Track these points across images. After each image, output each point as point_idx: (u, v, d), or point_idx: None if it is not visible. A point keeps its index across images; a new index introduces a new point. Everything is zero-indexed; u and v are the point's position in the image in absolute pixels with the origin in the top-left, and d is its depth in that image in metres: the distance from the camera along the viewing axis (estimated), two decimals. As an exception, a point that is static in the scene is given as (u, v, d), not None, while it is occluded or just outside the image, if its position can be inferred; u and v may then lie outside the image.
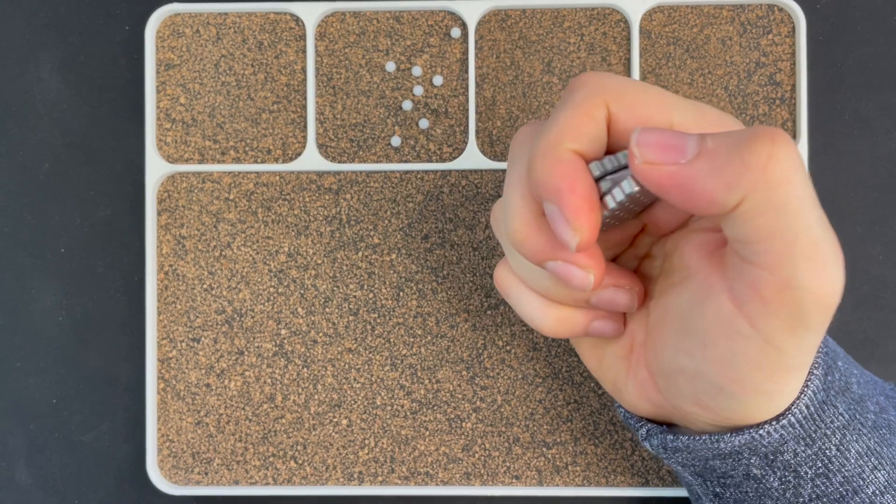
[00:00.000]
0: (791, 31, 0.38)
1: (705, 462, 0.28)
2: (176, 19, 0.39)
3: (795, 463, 0.27)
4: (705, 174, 0.22)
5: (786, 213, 0.22)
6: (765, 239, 0.23)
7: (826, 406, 0.26)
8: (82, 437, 0.39)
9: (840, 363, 0.28)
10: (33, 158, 0.40)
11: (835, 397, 0.27)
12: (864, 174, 0.38)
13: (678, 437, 0.28)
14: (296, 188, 0.39)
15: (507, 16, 0.39)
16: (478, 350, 0.38)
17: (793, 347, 0.24)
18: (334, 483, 0.38)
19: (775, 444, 0.26)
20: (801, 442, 0.26)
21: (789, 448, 0.27)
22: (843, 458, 0.27)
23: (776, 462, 0.27)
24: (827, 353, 0.27)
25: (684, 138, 0.23)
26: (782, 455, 0.27)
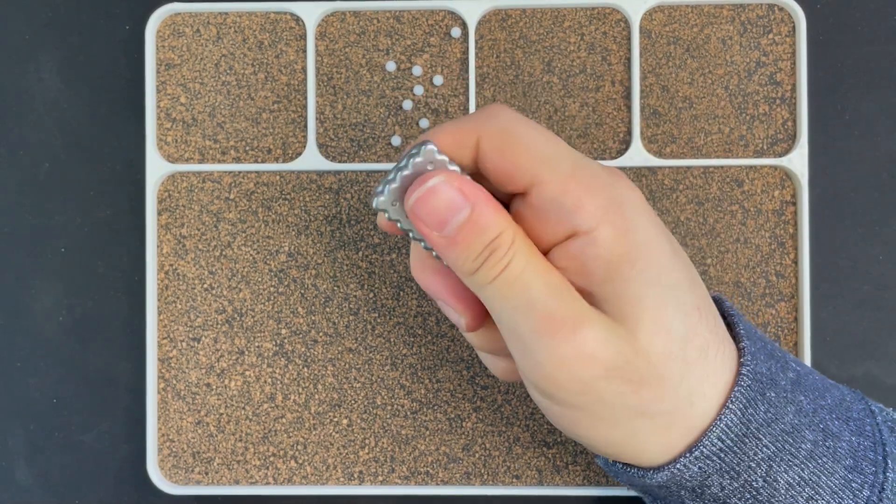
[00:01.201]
0: (791, 30, 0.38)
1: (645, 488, 0.29)
2: (176, 19, 0.39)
3: (724, 496, 0.27)
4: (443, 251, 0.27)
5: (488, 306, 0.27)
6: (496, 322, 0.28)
7: (747, 439, 0.27)
8: (82, 437, 0.39)
9: (772, 394, 0.27)
10: (33, 158, 0.40)
11: (757, 430, 0.27)
12: (864, 174, 0.38)
13: (615, 464, 0.29)
14: (296, 188, 0.39)
15: (508, 15, 0.39)
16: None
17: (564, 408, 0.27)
18: (334, 483, 0.38)
19: (698, 479, 0.27)
20: (724, 475, 0.27)
21: (714, 482, 0.27)
22: (771, 490, 0.27)
23: (705, 495, 0.28)
24: (751, 387, 0.27)
25: (451, 217, 0.26)
26: (709, 488, 0.27)
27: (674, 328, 0.26)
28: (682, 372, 0.26)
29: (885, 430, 0.29)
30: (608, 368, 0.26)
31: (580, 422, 0.27)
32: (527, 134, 0.26)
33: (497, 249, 0.26)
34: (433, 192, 0.26)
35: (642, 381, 0.26)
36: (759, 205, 0.38)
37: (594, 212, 0.26)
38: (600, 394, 0.26)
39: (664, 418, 0.27)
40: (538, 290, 0.26)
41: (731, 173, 0.38)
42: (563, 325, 0.25)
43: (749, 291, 0.38)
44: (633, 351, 0.26)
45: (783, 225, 0.38)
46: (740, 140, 0.38)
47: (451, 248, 0.26)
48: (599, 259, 0.26)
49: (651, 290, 0.26)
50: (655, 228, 0.27)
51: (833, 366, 0.38)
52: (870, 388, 0.38)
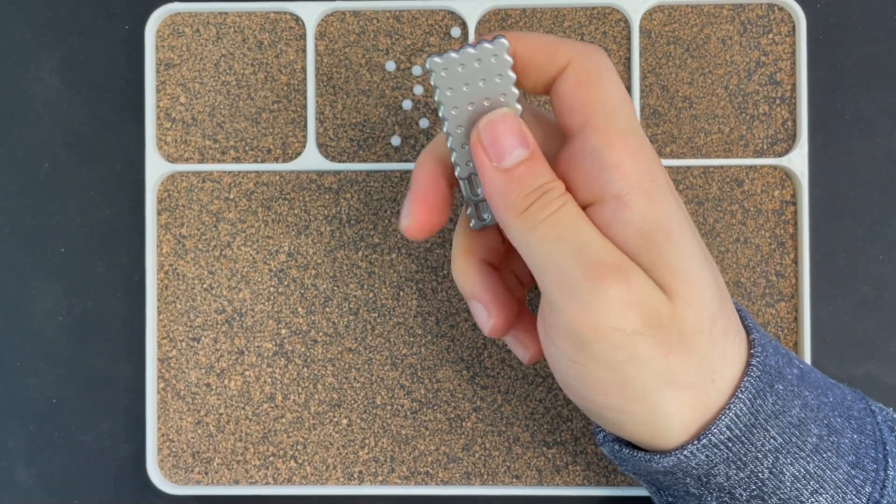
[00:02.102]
0: (791, 30, 0.38)
1: (651, 475, 0.29)
2: (176, 19, 0.39)
3: (729, 485, 0.27)
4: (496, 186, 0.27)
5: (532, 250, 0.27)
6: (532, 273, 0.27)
7: (755, 429, 0.27)
8: (82, 437, 0.39)
9: (780, 386, 0.27)
10: (33, 158, 0.40)
11: (765, 421, 0.27)
12: (864, 174, 0.38)
13: (622, 449, 0.29)
14: (296, 188, 0.39)
15: (508, 15, 0.39)
16: (478, 349, 0.38)
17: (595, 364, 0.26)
18: (334, 483, 0.38)
19: (704, 467, 0.27)
20: (731, 465, 0.27)
21: (720, 471, 0.27)
22: (776, 481, 0.27)
23: (710, 484, 0.27)
24: (760, 377, 0.27)
25: (513, 149, 0.26)
26: (715, 478, 0.27)
27: (704, 304, 0.26)
28: (708, 348, 0.26)
29: (885, 429, 0.29)
30: (647, 325, 0.26)
31: (609, 388, 0.27)
32: (609, 81, 0.27)
33: (550, 192, 0.26)
34: (502, 121, 0.27)
35: (672, 347, 0.26)
36: (759, 205, 0.38)
37: (629, 175, 0.26)
38: (636, 351, 0.26)
39: (689, 392, 0.26)
40: (590, 235, 0.26)
41: (730, 173, 0.38)
42: (615, 270, 0.25)
43: (749, 291, 0.38)
44: (669, 315, 0.26)
45: (783, 225, 0.38)
46: (740, 140, 0.38)
47: (507, 181, 0.26)
48: (633, 226, 0.26)
49: (685, 264, 0.26)
50: (682, 209, 0.27)
51: (833, 366, 0.38)
52: (870, 388, 0.38)
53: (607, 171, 0.26)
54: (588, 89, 0.27)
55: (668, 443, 0.27)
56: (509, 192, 0.26)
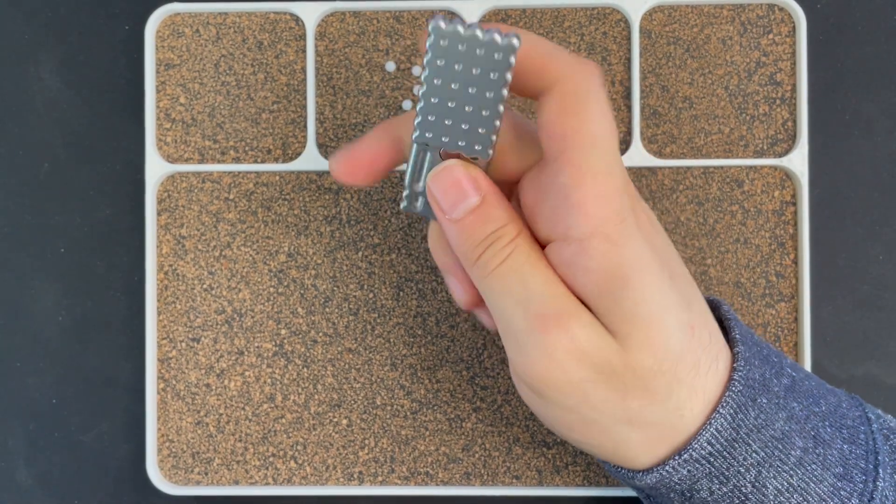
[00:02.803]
0: (791, 30, 0.38)
1: (637, 488, 0.30)
2: (176, 19, 0.39)
3: (713, 500, 0.27)
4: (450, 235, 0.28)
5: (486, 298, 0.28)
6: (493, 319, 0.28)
7: (736, 444, 0.27)
8: (82, 437, 0.39)
9: (763, 399, 0.27)
10: (33, 158, 0.40)
11: (747, 435, 0.27)
12: (864, 174, 0.38)
13: (608, 464, 0.30)
14: (296, 188, 0.38)
15: (508, 15, 0.39)
16: (478, 350, 0.38)
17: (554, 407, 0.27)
18: (334, 483, 0.38)
19: (687, 482, 0.27)
20: (714, 480, 0.27)
21: (703, 486, 0.27)
22: (760, 495, 0.27)
23: (694, 498, 0.28)
24: (742, 392, 0.27)
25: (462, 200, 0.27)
26: (698, 492, 0.27)
27: (664, 346, 0.26)
28: (671, 387, 0.26)
29: (879, 439, 0.29)
30: (597, 372, 0.26)
31: (572, 425, 0.27)
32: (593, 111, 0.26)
33: (499, 240, 0.27)
34: (449, 172, 0.27)
35: (627, 391, 0.26)
36: (759, 205, 0.38)
37: (593, 218, 0.25)
38: (588, 397, 0.26)
39: (653, 429, 0.27)
40: (535, 285, 0.26)
41: (731, 173, 0.38)
42: (556, 320, 0.26)
43: (749, 292, 0.38)
44: (621, 363, 0.26)
45: (783, 225, 0.38)
46: (740, 140, 0.38)
47: (458, 231, 0.27)
48: (591, 273, 0.26)
49: (642, 310, 0.26)
50: (649, 247, 0.26)
51: (833, 366, 0.38)
52: (870, 388, 0.38)
53: (572, 212, 0.26)
54: (569, 117, 0.26)
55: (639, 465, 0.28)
56: (462, 243, 0.27)
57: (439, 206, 0.28)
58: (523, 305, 0.26)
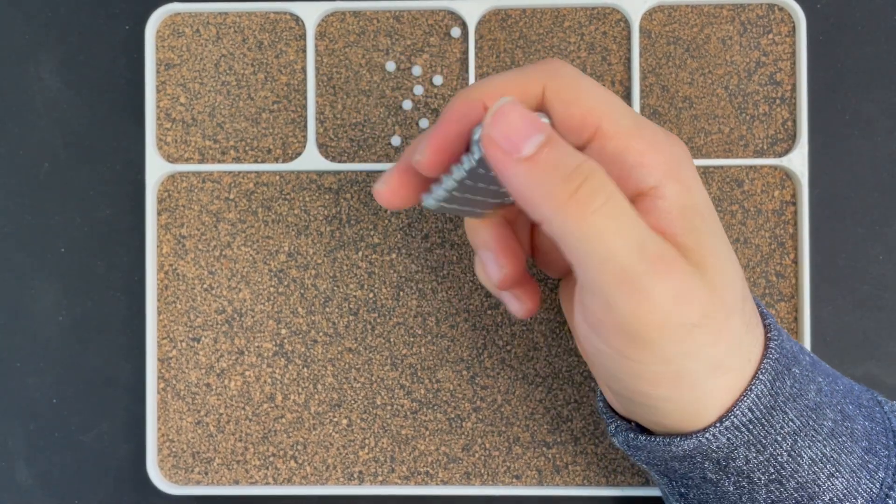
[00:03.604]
0: (791, 30, 0.38)
1: (666, 463, 0.29)
2: (176, 19, 0.39)
3: (748, 469, 0.27)
4: (525, 179, 0.24)
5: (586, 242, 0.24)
6: (576, 265, 0.25)
7: (774, 411, 0.27)
8: (82, 437, 0.39)
9: (796, 370, 0.27)
10: (33, 158, 0.40)
11: (784, 403, 0.27)
12: (864, 174, 0.38)
13: (638, 437, 0.29)
14: (296, 188, 0.39)
15: (508, 15, 0.39)
16: (478, 350, 0.38)
17: (651, 359, 0.25)
18: (334, 483, 0.38)
19: (725, 450, 0.27)
20: (751, 448, 0.27)
21: (740, 454, 0.27)
22: (795, 464, 0.27)
23: (729, 468, 0.27)
24: (779, 360, 0.27)
25: (530, 135, 0.24)
26: (734, 461, 0.27)
27: (736, 284, 0.27)
28: (743, 329, 0.26)
29: (893, 419, 0.29)
30: (703, 316, 0.25)
31: (661, 379, 0.26)
32: (591, 88, 0.26)
33: (594, 174, 0.24)
34: (509, 109, 0.24)
35: (721, 334, 0.26)
36: (759, 205, 0.38)
37: (658, 168, 0.26)
38: (692, 343, 0.25)
39: (731, 375, 0.26)
40: (646, 228, 0.25)
41: (730, 173, 0.38)
42: (675, 261, 0.25)
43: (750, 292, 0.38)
44: (719, 301, 0.25)
45: (783, 225, 0.38)
46: (740, 140, 0.38)
47: (534, 170, 0.24)
48: (671, 212, 0.26)
49: (719, 245, 0.26)
50: (705, 190, 0.27)
51: (833, 366, 0.38)
52: (870, 388, 0.38)
53: (636, 169, 0.26)
54: (578, 103, 0.26)
55: (696, 426, 0.27)
56: (542, 181, 0.24)
57: (502, 148, 0.24)
58: (639, 246, 0.24)
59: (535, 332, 0.38)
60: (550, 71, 0.26)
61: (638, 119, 0.27)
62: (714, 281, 0.25)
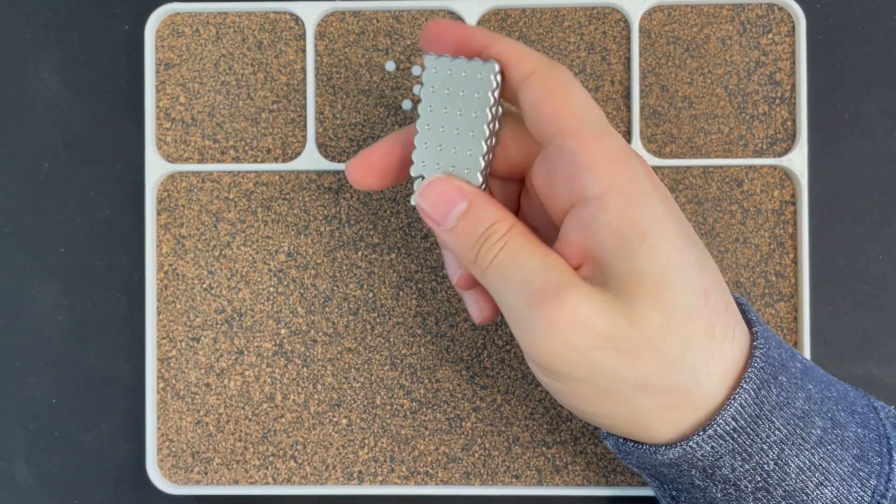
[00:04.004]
0: (791, 30, 0.38)
1: (655, 468, 0.29)
2: (176, 19, 0.39)
3: (735, 477, 0.27)
4: (450, 243, 0.29)
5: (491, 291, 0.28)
6: None
7: (760, 420, 0.27)
8: (82, 437, 0.39)
9: (783, 378, 0.27)
10: (33, 158, 0.40)
11: (770, 412, 0.27)
12: (864, 174, 0.38)
13: (627, 442, 0.29)
14: (295, 188, 0.39)
15: (507, 15, 0.39)
16: (478, 349, 0.38)
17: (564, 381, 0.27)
18: (334, 483, 0.38)
19: (710, 458, 0.27)
20: (737, 456, 0.27)
21: (726, 463, 0.27)
22: (782, 473, 0.27)
23: (716, 475, 0.27)
24: (763, 369, 0.27)
25: (451, 208, 0.28)
26: (720, 469, 0.27)
27: (676, 306, 0.26)
28: (684, 349, 0.26)
29: (888, 426, 0.29)
30: (602, 338, 0.26)
31: (584, 397, 0.28)
32: (576, 90, 0.28)
33: (492, 235, 0.28)
34: (432, 187, 0.29)
35: (638, 353, 0.26)
36: (759, 204, 0.38)
37: (605, 175, 0.26)
38: (596, 365, 0.26)
39: (667, 395, 0.27)
40: (531, 266, 0.27)
41: (730, 173, 0.38)
42: (555, 293, 0.26)
43: (749, 291, 0.38)
44: (628, 322, 0.26)
45: (783, 225, 0.38)
46: (740, 140, 0.38)
47: (453, 239, 0.28)
48: (609, 227, 0.26)
49: (656, 267, 0.26)
50: (665, 207, 0.27)
51: (833, 366, 0.38)
52: (870, 388, 0.38)
53: (584, 173, 0.26)
54: (557, 96, 0.27)
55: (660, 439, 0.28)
56: (460, 248, 0.29)
57: (432, 219, 0.29)
58: (520, 286, 0.27)
59: (534, 332, 0.38)
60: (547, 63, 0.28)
61: (606, 130, 0.27)
62: (632, 303, 0.26)
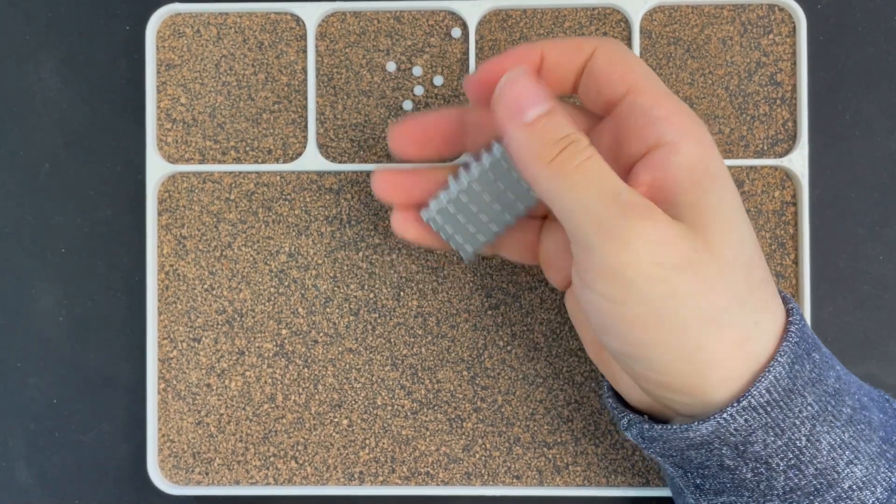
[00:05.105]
0: (792, 31, 0.38)
1: (682, 453, 0.29)
2: (176, 19, 0.39)
3: (766, 455, 0.27)
4: (522, 141, 0.28)
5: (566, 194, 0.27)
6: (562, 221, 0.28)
7: (793, 395, 0.27)
8: (82, 437, 0.39)
9: (817, 355, 0.28)
10: (33, 158, 0.40)
11: (803, 387, 0.27)
12: (865, 174, 0.38)
13: (653, 427, 0.29)
14: (296, 188, 0.39)
15: (508, 16, 0.39)
16: (478, 350, 0.38)
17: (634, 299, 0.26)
18: (335, 483, 0.38)
19: (743, 433, 0.27)
20: (769, 431, 0.27)
21: (758, 438, 0.27)
22: (814, 450, 0.27)
23: (747, 453, 0.27)
24: (798, 344, 0.27)
25: (534, 103, 0.28)
26: (752, 446, 0.27)
27: (744, 246, 0.27)
28: (747, 290, 0.27)
29: None
30: (684, 259, 0.26)
31: (649, 323, 0.26)
32: (636, 58, 0.30)
33: (578, 142, 0.27)
34: (516, 81, 0.28)
35: (713, 284, 0.26)
36: (760, 205, 0.38)
37: (681, 125, 0.28)
38: (676, 287, 0.26)
39: (733, 332, 0.27)
40: (620, 182, 0.27)
41: (731, 174, 0.38)
42: (647, 209, 0.26)
43: (749, 292, 0.38)
44: (707, 252, 0.26)
45: (783, 225, 0.38)
46: (740, 140, 0.38)
47: (531, 133, 0.27)
48: (682, 167, 0.27)
49: (726, 206, 0.27)
50: (722, 160, 0.29)
51: (833, 366, 0.38)
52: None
53: (659, 122, 0.28)
54: (623, 64, 0.29)
55: (712, 386, 0.27)
56: (536, 144, 0.27)
57: (510, 109, 0.28)
58: (613, 195, 0.26)
59: (535, 333, 0.38)
60: (604, 39, 0.30)
61: (669, 90, 0.29)
62: (706, 235, 0.27)
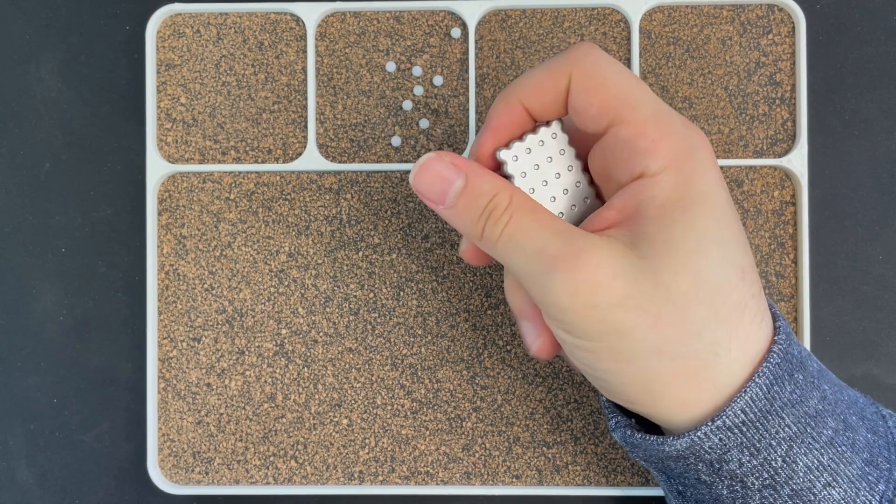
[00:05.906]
0: (791, 31, 0.38)
1: (662, 462, 0.29)
2: (176, 19, 0.39)
3: (742, 473, 0.27)
4: (453, 221, 0.29)
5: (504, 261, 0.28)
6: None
7: (770, 416, 0.26)
8: (83, 437, 0.39)
9: (800, 376, 0.27)
10: (34, 158, 0.40)
11: (781, 408, 0.27)
12: (864, 174, 0.38)
13: (634, 434, 0.29)
14: (296, 188, 0.39)
15: (508, 16, 0.39)
16: (478, 350, 0.38)
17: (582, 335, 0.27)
18: (335, 483, 0.38)
19: (717, 451, 0.27)
20: (744, 451, 0.27)
21: (733, 457, 0.27)
22: (790, 471, 0.27)
23: (722, 470, 0.27)
24: (780, 365, 0.27)
25: (450, 182, 0.28)
26: (727, 464, 0.27)
27: (707, 276, 0.26)
28: (708, 319, 0.26)
29: None
30: (624, 296, 0.26)
31: (601, 357, 0.27)
32: (613, 75, 0.28)
33: (496, 209, 0.28)
34: (426, 168, 0.29)
35: (660, 315, 0.26)
36: (759, 205, 0.38)
37: (664, 156, 0.27)
38: (617, 323, 0.26)
39: (685, 363, 0.26)
40: (545, 236, 0.27)
41: (730, 174, 0.38)
42: (574, 258, 0.26)
43: (749, 291, 0.38)
44: (652, 284, 0.26)
45: (783, 225, 0.38)
46: (740, 140, 0.38)
47: (456, 217, 0.29)
48: (655, 200, 0.27)
49: (693, 236, 0.26)
50: (719, 184, 0.28)
51: (833, 366, 0.38)
52: (870, 388, 0.38)
53: (643, 155, 0.27)
54: (602, 91, 0.27)
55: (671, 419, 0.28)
56: (464, 225, 0.29)
57: (431, 200, 0.29)
58: (537, 255, 0.27)
59: (535, 332, 0.38)
60: (576, 60, 0.28)
61: (658, 106, 0.28)
62: (656, 268, 0.26)
